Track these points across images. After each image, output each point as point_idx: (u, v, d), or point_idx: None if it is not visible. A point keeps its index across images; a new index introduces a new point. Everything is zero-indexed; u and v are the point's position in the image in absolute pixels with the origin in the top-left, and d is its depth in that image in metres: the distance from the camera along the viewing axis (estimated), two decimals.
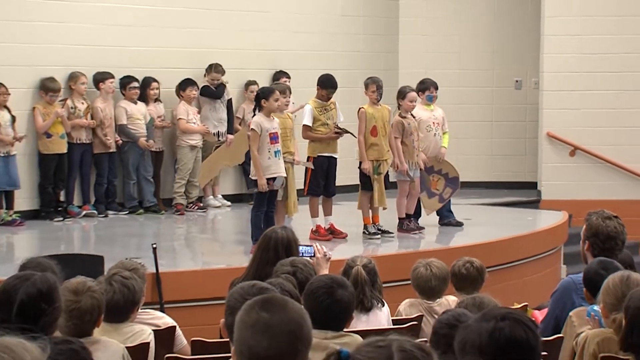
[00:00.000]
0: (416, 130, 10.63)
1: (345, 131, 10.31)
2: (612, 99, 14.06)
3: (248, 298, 3.16)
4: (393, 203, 10.62)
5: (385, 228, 10.51)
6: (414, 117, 10.69)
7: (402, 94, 10.55)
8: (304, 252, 6.14)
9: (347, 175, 11.59)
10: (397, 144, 10.45)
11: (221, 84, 12.59)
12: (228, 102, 12.78)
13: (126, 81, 12.05)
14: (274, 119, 9.48)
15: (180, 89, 12.46)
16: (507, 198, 14.35)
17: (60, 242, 10.77)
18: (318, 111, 10.33)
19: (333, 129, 10.33)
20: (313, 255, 6.16)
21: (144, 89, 12.21)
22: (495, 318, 3.06)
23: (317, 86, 10.46)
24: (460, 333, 3.14)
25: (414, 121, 10.65)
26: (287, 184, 9.99)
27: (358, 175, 10.42)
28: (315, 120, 10.30)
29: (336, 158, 10.45)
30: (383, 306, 5.89)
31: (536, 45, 14.56)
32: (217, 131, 12.60)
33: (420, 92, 10.86)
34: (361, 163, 10.33)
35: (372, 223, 10.45)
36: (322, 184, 10.34)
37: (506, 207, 13.74)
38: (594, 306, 4.95)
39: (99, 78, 11.86)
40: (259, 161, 9.30)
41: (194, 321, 7.44)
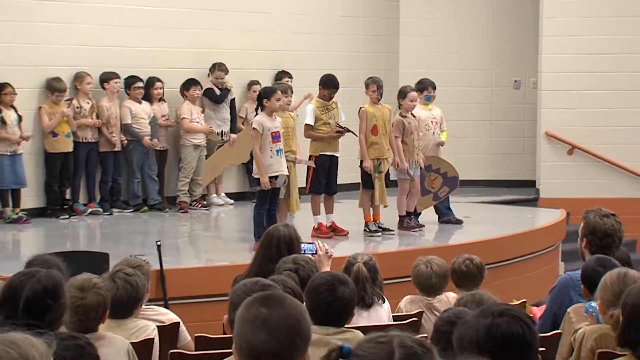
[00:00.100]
0: (416, 129, 10.63)
1: (346, 129, 10.31)
2: (610, 99, 14.05)
3: (251, 294, 3.15)
4: (393, 201, 10.62)
5: (386, 226, 10.52)
6: (414, 117, 10.70)
7: (403, 94, 10.57)
8: (306, 250, 6.13)
9: (348, 173, 11.58)
10: (398, 143, 10.45)
11: (225, 89, 12.58)
12: (231, 102, 12.77)
13: (131, 81, 12.05)
14: (276, 118, 9.48)
15: (184, 89, 12.46)
16: (506, 196, 14.34)
17: (66, 240, 10.77)
18: (320, 110, 10.33)
19: (335, 128, 10.34)
20: (315, 252, 6.15)
21: (148, 89, 12.21)
22: (492, 314, 3.06)
23: (319, 86, 10.47)
24: (458, 329, 3.14)
25: (414, 120, 10.66)
26: (289, 183, 9.98)
27: (359, 173, 10.42)
28: (317, 119, 10.31)
29: (338, 157, 10.46)
30: (384, 303, 5.89)
31: (535, 45, 14.56)
32: (221, 130, 12.60)
33: (418, 92, 10.86)
34: (362, 162, 10.34)
35: (373, 221, 10.46)
36: (324, 183, 10.34)
37: (505, 205, 13.74)
38: (592, 303, 4.95)
39: (105, 78, 11.87)
40: (261, 160, 9.31)
41: (198, 317, 7.44)
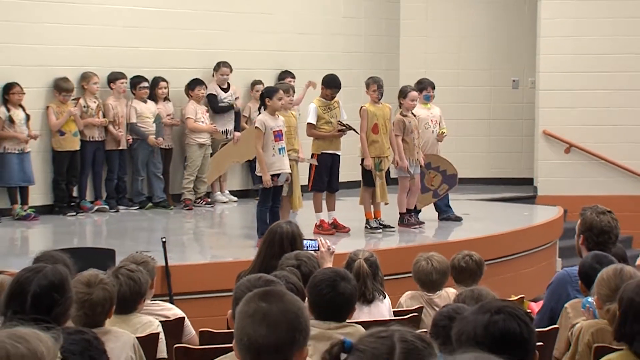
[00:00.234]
0: (416, 128, 10.63)
1: (348, 127, 10.30)
2: (606, 98, 14.04)
3: (254, 290, 3.16)
4: (394, 199, 10.61)
5: (386, 223, 10.50)
6: (415, 116, 10.69)
7: (404, 93, 10.57)
8: (308, 246, 6.13)
9: (350, 171, 11.58)
10: (398, 142, 10.45)
11: (230, 105, 12.57)
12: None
13: (136, 81, 12.05)
14: (279, 117, 9.47)
15: (189, 89, 12.45)
16: (505, 194, 14.33)
17: (73, 236, 10.78)
18: (322, 110, 10.33)
19: (336, 127, 10.33)
20: (317, 249, 6.15)
21: (153, 89, 12.21)
22: (490, 311, 3.06)
23: (322, 85, 10.47)
24: (457, 324, 3.14)
25: (415, 119, 10.66)
26: (292, 180, 9.98)
27: (360, 171, 10.42)
28: (319, 118, 10.31)
29: (339, 155, 10.46)
30: (384, 298, 5.88)
31: (533, 46, 14.54)
32: (225, 129, 12.61)
33: (418, 92, 10.86)
34: (363, 160, 10.33)
35: (374, 218, 10.45)
36: (326, 180, 10.34)
37: (503, 203, 13.73)
38: (589, 298, 4.95)
39: (112, 78, 11.88)
40: (264, 158, 9.31)
41: (202, 312, 7.44)
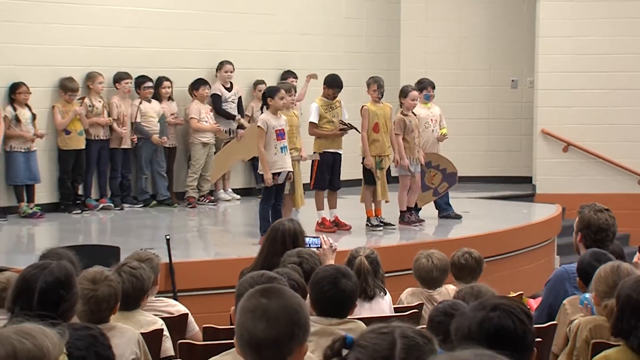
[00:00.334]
0: (417, 127, 10.63)
1: (350, 126, 10.30)
2: (604, 98, 14.03)
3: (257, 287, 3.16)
4: (395, 197, 10.61)
5: (387, 220, 10.50)
6: (415, 115, 10.69)
7: (404, 93, 10.57)
8: (311, 243, 6.13)
9: (351, 170, 11.58)
10: (399, 140, 10.45)
11: (232, 115, 12.55)
12: (238, 100, 12.80)
13: (141, 81, 12.05)
14: (281, 117, 9.47)
15: (193, 88, 12.45)
16: (504, 192, 14.32)
17: (78, 234, 10.78)
18: (324, 109, 10.33)
19: (338, 126, 10.33)
20: (320, 246, 6.15)
21: (157, 88, 12.21)
22: (486, 307, 3.07)
23: (324, 85, 10.47)
24: (456, 320, 3.15)
25: (415, 119, 10.66)
26: (294, 179, 9.99)
27: (361, 170, 10.42)
28: (321, 117, 10.30)
29: (341, 154, 10.46)
30: (385, 295, 5.88)
31: (531, 46, 14.53)
32: (229, 128, 12.61)
33: (418, 92, 10.86)
34: (364, 158, 10.33)
35: (375, 216, 10.45)
36: (328, 179, 10.34)
37: (502, 201, 13.72)
38: (586, 294, 4.95)
39: (117, 78, 11.90)
40: (265, 157, 9.31)
41: (206, 309, 7.43)
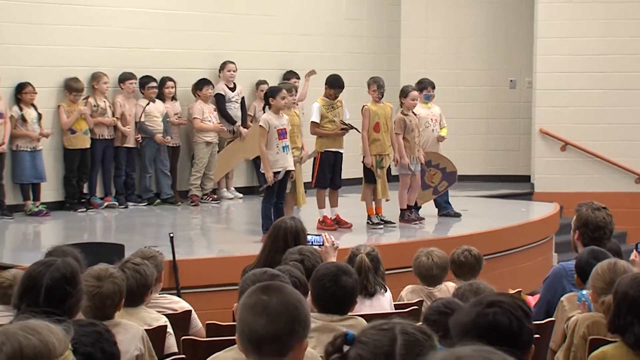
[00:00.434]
0: (417, 127, 10.64)
1: (350, 126, 10.30)
2: (601, 98, 14.03)
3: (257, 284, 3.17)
4: (395, 195, 10.61)
5: (387, 219, 10.50)
6: (415, 115, 10.69)
7: (405, 93, 10.57)
8: (313, 241, 6.13)
9: (352, 169, 11.58)
10: (399, 140, 10.45)
11: (233, 121, 12.54)
12: (241, 100, 12.80)
13: (145, 81, 12.06)
14: (283, 116, 9.48)
15: (196, 88, 12.46)
16: (502, 190, 14.32)
17: (83, 232, 10.79)
18: (325, 109, 10.33)
19: (339, 126, 10.33)
20: (322, 244, 6.16)
21: (160, 88, 12.22)
22: (482, 304, 3.07)
23: (325, 85, 10.46)
24: (454, 316, 3.16)
25: (415, 118, 10.66)
26: (296, 177, 9.99)
27: (362, 169, 10.42)
28: (322, 117, 10.30)
29: (342, 153, 10.46)
30: (385, 292, 5.88)
31: (530, 47, 14.53)
32: (232, 128, 12.61)
33: (418, 92, 10.86)
34: (364, 157, 10.33)
35: (376, 214, 10.45)
36: (329, 177, 10.34)
37: (501, 199, 13.72)
38: (584, 291, 4.95)
39: (122, 78, 11.91)
40: (267, 155, 9.32)
41: (209, 305, 7.44)
